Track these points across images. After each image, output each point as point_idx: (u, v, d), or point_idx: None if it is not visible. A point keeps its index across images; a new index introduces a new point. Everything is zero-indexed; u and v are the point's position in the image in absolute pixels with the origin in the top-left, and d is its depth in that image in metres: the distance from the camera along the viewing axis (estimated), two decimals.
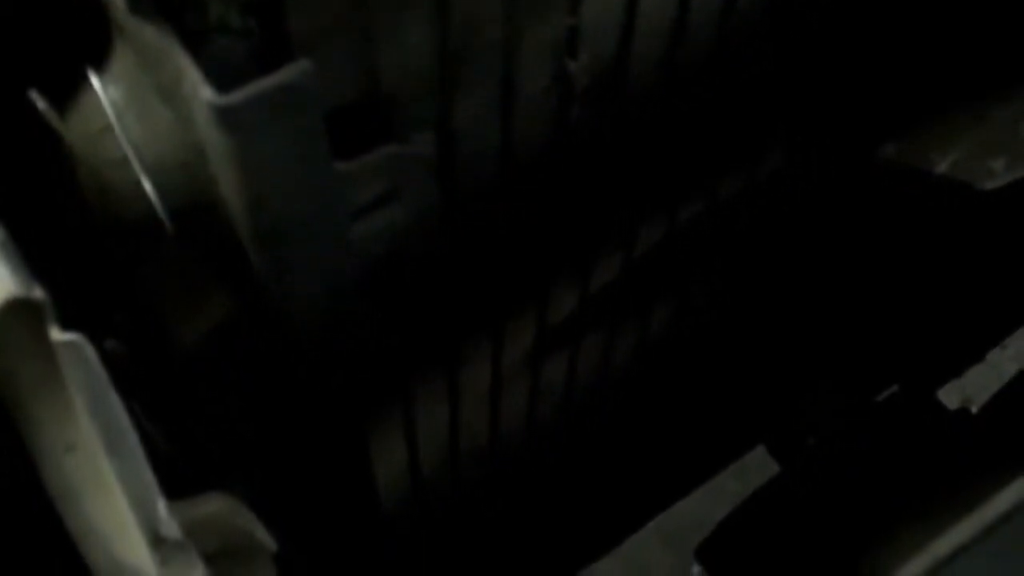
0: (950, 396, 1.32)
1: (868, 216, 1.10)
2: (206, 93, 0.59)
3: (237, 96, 0.60)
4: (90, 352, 0.58)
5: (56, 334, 0.57)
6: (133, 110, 0.70)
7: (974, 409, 1.25)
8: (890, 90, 1.03)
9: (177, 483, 0.66)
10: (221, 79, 0.60)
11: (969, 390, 1.33)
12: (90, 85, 0.70)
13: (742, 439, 1.43)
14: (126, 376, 0.70)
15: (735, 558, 1.27)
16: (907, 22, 0.99)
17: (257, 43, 0.62)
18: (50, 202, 0.73)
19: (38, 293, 0.56)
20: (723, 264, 1.13)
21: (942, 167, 0.98)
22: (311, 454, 0.93)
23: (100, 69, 0.70)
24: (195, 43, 0.61)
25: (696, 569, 1.62)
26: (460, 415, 1.05)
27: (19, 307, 0.56)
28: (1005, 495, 0.88)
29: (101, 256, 0.75)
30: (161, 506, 0.61)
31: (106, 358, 0.60)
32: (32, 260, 0.59)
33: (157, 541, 0.60)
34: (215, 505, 0.71)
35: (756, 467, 1.42)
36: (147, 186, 0.71)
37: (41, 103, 0.70)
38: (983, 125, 1.00)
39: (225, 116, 0.60)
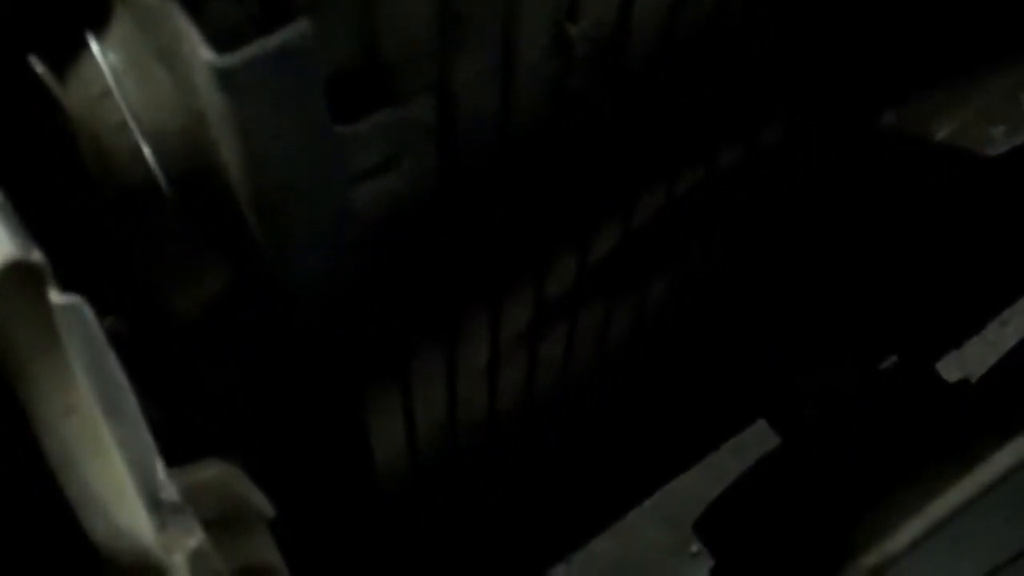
0: (951, 374, 1.32)
1: (868, 185, 1.10)
2: (206, 54, 0.59)
3: (236, 57, 0.59)
4: (89, 314, 0.57)
5: (55, 296, 0.56)
6: (133, 75, 0.70)
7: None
8: (890, 57, 1.03)
9: (177, 461, 0.66)
10: (221, 41, 0.60)
11: (970, 367, 1.32)
12: (89, 50, 0.70)
13: (741, 413, 1.43)
14: (126, 354, 0.70)
15: (734, 531, 1.27)
16: None
17: (257, 5, 0.62)
18: (50, 169, 0.73)
19: (37, 256, 0.56)
20: (722, 235, 1.13)
21: (942, 134, 0.98)
22: (310, 428, 0.93)
23: (99, 34, 0.70)
24: (194, 5, 0.60)
25: (695, 547, 1.62)
26: (458, 389, 1.04)
27: (18, 269, 0.56)
28: (1000, 457, 0.88)
29: (101, 226, 0.75)
30: (160, 469, 0.60)
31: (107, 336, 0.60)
32: (32, 229, 0.59)
33: (155, 505, 0.60)
34: (213, 471, 0.71)
35: (755, 444, 1.41)
36: (147, 152, 0.71)
37: (40, 68, 0.70)
38: (983, 92, 0.99)
39: (225, 77, 0.60)
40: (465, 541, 1.35)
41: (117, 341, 0.71)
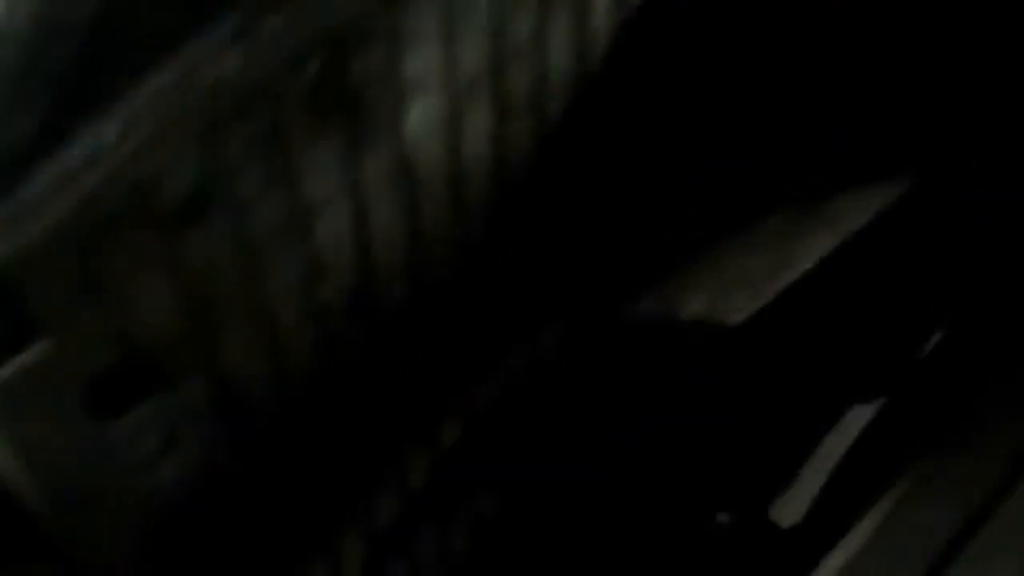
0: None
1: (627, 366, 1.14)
2: None
3: None
4: None
5: None
6: None
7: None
8: (630, 247, 1.09)
9: None
10: None
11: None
12: None
13: None
14: None
15: None
16: (642, 176, 1.06)
17: (4, 327, 0.66)
18: None
19: None
20: (527, 435, 1.17)
21: (690, 310, 1.04)
22: None
23: None
24: None
25: None
26: None
27: None
28: None
29: None
30: None
31: None
32: None
33: None
34: None
35: None
36: None
37: None
38: (723, 265, 1.06)
39: None
40: None
41: None
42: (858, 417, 1.13)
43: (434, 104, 0.81)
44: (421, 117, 0.81)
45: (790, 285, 1.04)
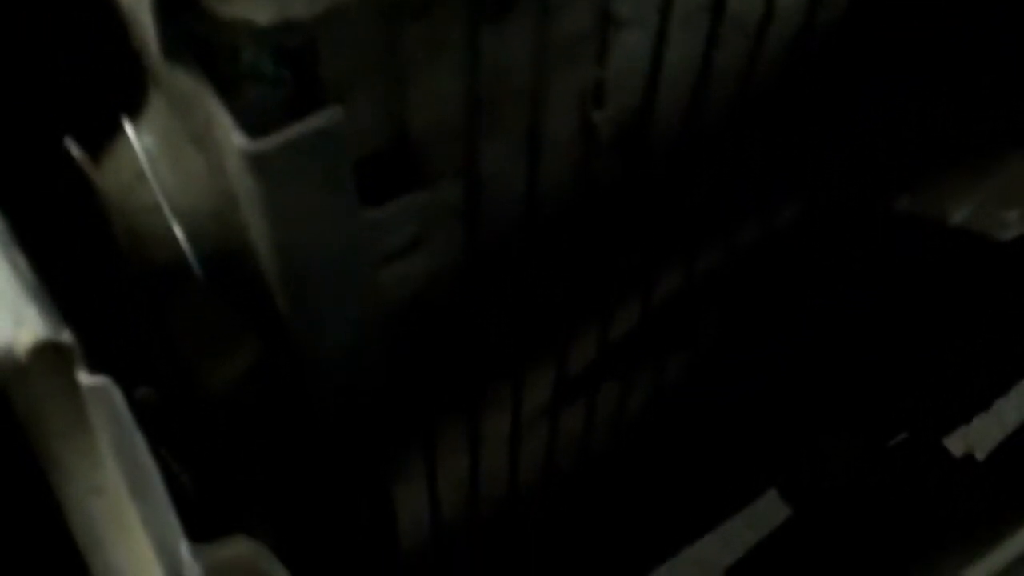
0: (954, 441, 1.33)
1: (883, 265, 1.10)
2: (238, 139, 0.60)
3: (268, 142, 0.60)
4: (117, 395, 0.58)
5: (84, 377, 0.57)
6: (166, 157, 0.71)
7: (978, 455, 1.26)
8: (906, 140, 1.04)
9: (202, 525, 0.66)
10: (253, 125, 0.61)
11: (972, 435, 1.33)
12: (124, 133, 0.71)
13: (754, 484, 1.43)
14: (156, 421, 0.71)
15: None
16: (923, 72, 1.00)
17: (289, 90, 0.63)
18: (83, 247, 0.74)
19: (67, 336, 0.57)
20: (739, 311, 1.13)
21: (957, 218, 0.98)
22: (334, 496, 0.94)
23: (134, 117, 0.71)
24: (227, 90, 0.61)
25: None
26: (481, 460, 1.05)
27: (48, 350, 0.57)
28: (1016, 540, 0.88)
29: (132, 300, 0.76)
30: (184, 549, 0.61)
31: (137, 404, 0.60)
32: (63, 304, 0.60)
33: None
34: (238, 549, 0.71)
35: (768, 513, 1.42)
36: (178, 232, 0.72)
37: (76, 150, 0.71)
38: (997, 176, 1.00)
39: (256, 162, 0.61)
40: None
41: (149, 411, 0.72)
42: None
43: None
44: None
45: None
